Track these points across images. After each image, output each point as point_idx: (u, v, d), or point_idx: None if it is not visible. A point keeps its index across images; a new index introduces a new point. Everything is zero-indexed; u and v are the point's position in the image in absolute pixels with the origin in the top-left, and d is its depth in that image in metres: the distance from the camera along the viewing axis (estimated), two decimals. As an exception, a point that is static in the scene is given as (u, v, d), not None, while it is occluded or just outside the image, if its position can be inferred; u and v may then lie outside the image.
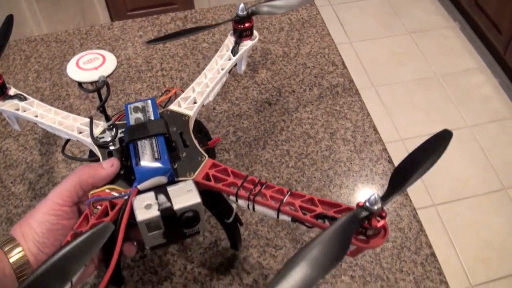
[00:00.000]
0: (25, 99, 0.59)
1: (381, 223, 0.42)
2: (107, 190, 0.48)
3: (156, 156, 0.48)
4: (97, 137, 0.54)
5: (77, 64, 0.50)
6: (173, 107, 0.57)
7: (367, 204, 0.41)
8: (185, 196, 0.45)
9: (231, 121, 0.79)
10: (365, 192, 0.69)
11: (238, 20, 0.62)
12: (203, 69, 0.61)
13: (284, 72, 0.87)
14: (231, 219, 0.52)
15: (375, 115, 0.44)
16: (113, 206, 0.47)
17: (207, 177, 0.49)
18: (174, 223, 0.45)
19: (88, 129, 0.55)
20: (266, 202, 0.46)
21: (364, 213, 0.41)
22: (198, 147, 0.52)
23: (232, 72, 0.65)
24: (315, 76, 0.86)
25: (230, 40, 0.63)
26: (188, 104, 0.57)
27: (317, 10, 0.98)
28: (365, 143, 0.75)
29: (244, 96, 0.83)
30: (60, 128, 0.56)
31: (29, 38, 0.99)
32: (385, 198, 0.42)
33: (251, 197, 0.47)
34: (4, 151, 0.77)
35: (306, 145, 0.75)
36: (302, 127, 0.78)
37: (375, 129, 0.77)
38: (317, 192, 0.69)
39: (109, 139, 0.53)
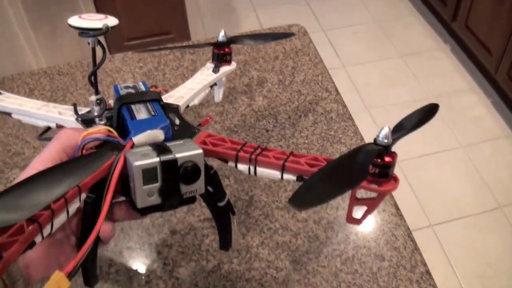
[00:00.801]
0: (2, 94, 0.58)
1: (394, 158, 0.40)
2: (103, 130, 0.45)
3: (153, 113, 0.47)
4: (82, 114, 0.51)
5: (79, 17, 0.49)
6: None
7: (379, 138, 0.40)
8: (186, 147, 0.43)
9: (230, 148, 0.82)
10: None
11: (218, 45, 0.65)
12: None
13: (280, 99, 0.90)
14: (224, 202, 0.50)
15: (369, 138, 0.46)
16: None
17: (204, 143, 0.47)
18: (173, 175, 0.42)
19: (69, 112, 0.53)
20: (269, 160, 0.44)
21: (375, 147, 0.40)
22: (191, 123, 0.51)
23: (230, 100, 0.69)
24: (309, 103, 0.89)
25: (210, 66, 0.67)
26: (175, 99, 0.57)
27: (310, 39, 1.02)
28: (359, 166, 0.78)
29: (242, 123, 0.86)
30: (39, 112, 0.54)
31: (32, 72, 1.02)
32: (395, 138, 0.41)
33: (253, 157, 0.45)
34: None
35: (303, 169, 0.78)
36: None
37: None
38: (314, 215, 0.72)
39: (95, 114, 0.51)
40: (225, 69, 0.66)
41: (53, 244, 0.44)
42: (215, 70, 0.66)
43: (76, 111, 0.51)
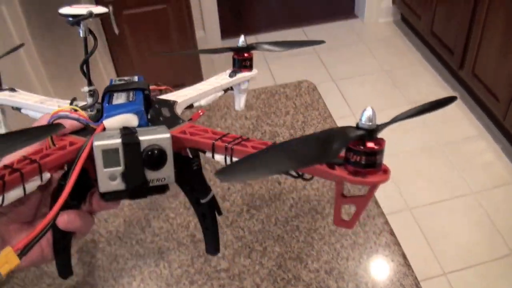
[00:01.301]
0: (15, 90, 0.60)
1: (381, 145, 0.36)
2: (72, 110, 0.44)
3: (130, 99, 0.45)
4: (75, 104, 0.50)
5: (70, 6, 0.49)
6: (161, 97, 0.54)
7: (362, 121, 0.36)
8: (154, 132, 0.41)
9: (245, 200, 0.86)
10: (370, 264, 0.75)
11: (238, 50, 0.64)
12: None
13: (291, 153, 0.94)
14: (207, 198, 0.47)
15: (379, 188, 0.48)
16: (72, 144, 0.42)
17: (183, 132, 0.45)
18: (137, 159, 0.40)
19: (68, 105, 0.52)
20: (246, 150, 0.41)
21: (357, 132, 0.36)
22: (180, 117, 0.49)
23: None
24: (320, 156, 0.93)
25: (228, 71, 0.66)
26: (177, 97, 0.54)
27: (319, 94, 1.07)
28: (368, 217, 0.82)
29: (255, 176, 0.90)
30: (41, 105, 0.54)
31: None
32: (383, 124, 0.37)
33: (229, 146, 0.42)
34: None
35: (314, 220, 0.82)
36: (309, 204, 0.84)
37: (377, 203, 0.84)
38: (326, 265, 0.75)
39: (88, 104, 0.49)
40: (244, 74, 0.64)
41: (32, 229, 0.43)
42: (232, 74, 0.64)
43: (71, 102, 0.51)
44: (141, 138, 0.39)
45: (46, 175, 0.40)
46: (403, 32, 3.18)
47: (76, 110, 0.44)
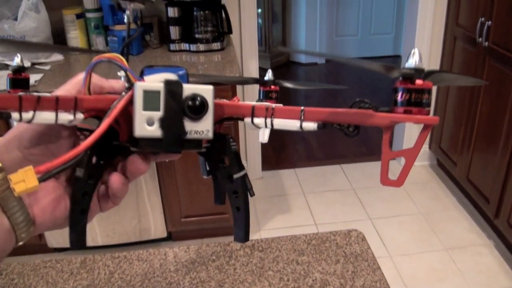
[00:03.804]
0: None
1: (429, 85, 0.36)
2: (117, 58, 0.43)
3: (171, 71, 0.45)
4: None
5: None
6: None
7: (410, 60, 0.36)
8: (196, 85, 0.41)
9: None
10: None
11: (263, 83, 0.64)
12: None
13: (341, 302, 0.98)
14: (240, 174, 0.47)
15: None
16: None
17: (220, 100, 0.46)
18: (177, 107, 0.39)
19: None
20: (287, 108, 0.42)
21: (403, 70, 0.36)
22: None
23: None
24: (369, 308, 0.96)
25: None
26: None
27: (368, 244, 1.12)
28: None
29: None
30: None
31: (113, 255, 1.14)
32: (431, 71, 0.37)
33: (270, 108, 0.42)
34: None
35: None
36: None
37: None
38: None
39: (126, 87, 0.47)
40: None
41: (60, 187, 0.44)
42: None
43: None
44: (184, 85, 0.40)
45: (79, 115, 0.40)
46: (439, 176, 3.25)
47: (120, 59, 0.42)
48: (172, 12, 2.42)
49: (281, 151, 3.64)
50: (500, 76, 2.42)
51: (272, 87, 0.63)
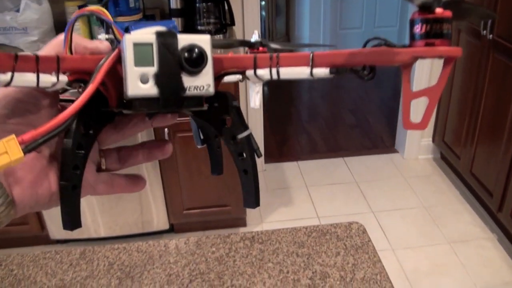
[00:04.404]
0: None
1: (448, 14, 0.33)
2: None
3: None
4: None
5: None
6: None
7: None
8: (192, 35, 0.37)
9: None
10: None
11: (251, 45, 0.65)
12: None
13: (341, 295, 0.97)
14: (245, 134, 0.43)
15: None
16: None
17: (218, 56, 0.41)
18: (173, 60, 0.35)
19: None
20: (294, 55, 0.38)
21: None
22: None
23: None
24: (369, 301, 0.96)
25: None
26: None
27: (369, 237, 1.12)
28: None
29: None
30: None
31: (112, 246, 1.14)
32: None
33: (274, 56, 0.38)
34: None
35: None
36: None
37: None
38: None
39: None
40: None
41: (41, 164, 0.40)
42: None
43: None
44: (179, 36, 0.36)
45: (63, 78, 0.36)
46: (442, 169, 3.24)
47: (103, 11, 0.38)
48: (175, 3, 2.40)
49: (284, 144, 3.64)
50: (505, 69, 2.41)
51: (260, 48, 0.57)
